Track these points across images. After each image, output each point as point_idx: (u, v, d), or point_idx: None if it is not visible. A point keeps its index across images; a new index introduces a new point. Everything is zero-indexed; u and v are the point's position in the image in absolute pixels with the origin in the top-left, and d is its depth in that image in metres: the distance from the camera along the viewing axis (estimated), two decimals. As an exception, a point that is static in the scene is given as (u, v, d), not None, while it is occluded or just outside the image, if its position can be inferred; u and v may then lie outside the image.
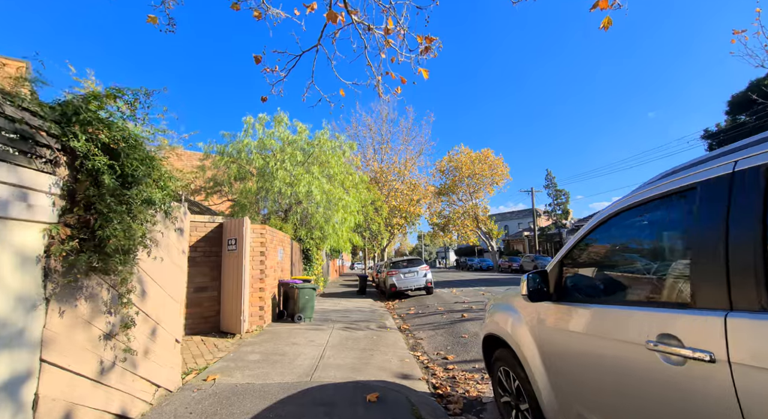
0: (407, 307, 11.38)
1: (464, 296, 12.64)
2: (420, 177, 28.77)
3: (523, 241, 43.54)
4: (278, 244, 8.69)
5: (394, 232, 26.19)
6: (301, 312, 7.80)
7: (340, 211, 12.73)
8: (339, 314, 9.37)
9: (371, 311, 10.31)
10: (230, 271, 6.55)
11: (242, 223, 6.49)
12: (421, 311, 10.10)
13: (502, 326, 2.84)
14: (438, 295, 13.79)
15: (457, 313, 9.15)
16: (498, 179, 34.60)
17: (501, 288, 14.97)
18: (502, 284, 16.98)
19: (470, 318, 8.33)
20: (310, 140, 13.26)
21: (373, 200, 21.41)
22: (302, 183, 11.49)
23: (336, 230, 12.97)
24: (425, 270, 13.90)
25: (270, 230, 7.86)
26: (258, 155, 12.33)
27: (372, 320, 8.45)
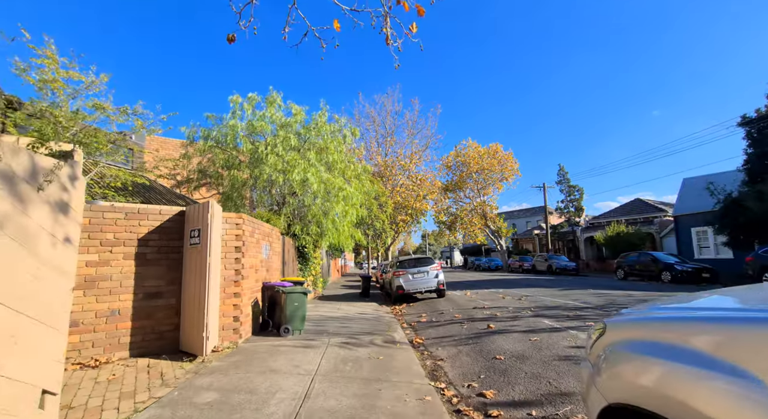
0: (417, 313, 9.81)
1: (482, 300, 11.04)
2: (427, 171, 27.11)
3: (533, 240, 41.77)
4: (263, 238, 7.15)
5: (399, 230, 24.59)
6: (288, 323, 6.25)
7: (341, 203, 11.17)
8: (337, 322, 7.81)
9: (376, 318, 8.75)
10: (194, 272, 5.01)
11: (206, 208, 4.94)
12: (434, 320, 8.53)
13: (681, 399, 1.24)
14: (451, 299, 12.19)
15: (480, 322, 7.56)
16: (508, 175, 32.91)
17: (518, 290, 13.38)
18: (519, 286, 15.35)
19: (499, 330, 6.74)
20: (307, 125, 11.73)
21: (378, 195, 19.86)
22: (296, 170, 9.96)
23: (336, 225, 11.41)
24: (436, 270, 12.32)
25: (250, 220, 6.31)
26: (246, 139, 10.81)
27: (377, 331, 6.88)
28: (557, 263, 26.15)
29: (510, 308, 9.18)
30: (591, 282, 16.81)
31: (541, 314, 8.03)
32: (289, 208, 10.50)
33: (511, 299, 10.87)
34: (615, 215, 30.29)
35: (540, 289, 13.63)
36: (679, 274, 15.36)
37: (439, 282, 12.11)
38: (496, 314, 8.38)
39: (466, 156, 33.38)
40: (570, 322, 6.96)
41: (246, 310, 5.98)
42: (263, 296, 6.99)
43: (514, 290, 13.47)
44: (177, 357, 4.79)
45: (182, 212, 5.35)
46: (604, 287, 13.90)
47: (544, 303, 9.68)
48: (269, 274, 7.59)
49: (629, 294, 11.02)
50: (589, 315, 7.59)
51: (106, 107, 9.35)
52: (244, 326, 5.86)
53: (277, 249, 8.30)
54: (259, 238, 6.86)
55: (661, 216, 27.05)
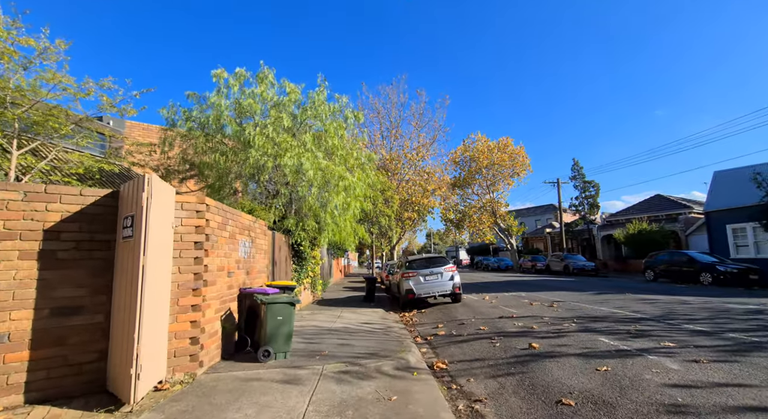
0: (432, 322, 8.26)
1: (506, 307, 9.46)
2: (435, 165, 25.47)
3: (545, 238, 40.01)
4: (241, 233, 5.62)
5: (405, 227, 23.02)
6: (268, 344, 4.71)
7: (341, 194, 9.63)
8: (335, 337, 6.27)
9: (383, 330, 7.21)
10: (126, 277, 3.48)
11: (140, 185, 3.41)
12: (455, 332, 6.97)
13: None
14: (469, 304, 10.62)
15: (516, 338, 5.99)
16: (519, 170, 31.21)
17: (543, 294, 11.78)
18: (542, 289, 13.72)
19: (546, 351, 5.16)
20: (303, 105, 10.22)
21: (383, 189, 18.30)
22: (289, 154, 8.45)
23: (335, 219, 9.87)
24: (451, 271, 10.75)
25: (219, 208, 4.78)
26: (232, 120, 9.30)
27: (385, 351, 5.33)
28: (574, 263, 24.48)
29: (545, 318, 7.59)
30: (622, 285, 15.15)
31: (591, 328, 6.44)
32: (281, 199, 8.98)
33: (542, 307, 9.27)
34: (634, 213, 28.51)
35: (568, 293, 12.00)
36: (722, 275, 13.67)
37: (454, 285, 10.54)
38: (532, 326, 6.79)
39: (475, 150, 31.73)
40: (637, 341, 5.37)
41: (211, 327, 4.46)
42: (240, 306, 5.47)
43: (538, 294, 11.86)
44: (95, 403, 3.27)
45: (114, 193, 3.83)
46: (641, 290, 12.24)
47: (585, 312, 8.07)
48: (251, 277, 6.06)
49: (683, 301, 9.37)
50: (655, 331, 5.99)
51: (62, 78, 7.93)
52: (208, 348, 4.34)
53: (262, 246, 6.78)
54: (234, 232, 5.34)
55: (685, 213, 25.25)
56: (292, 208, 9.72)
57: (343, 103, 10.58)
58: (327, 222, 9.66)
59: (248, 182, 9.03)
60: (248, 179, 8.94)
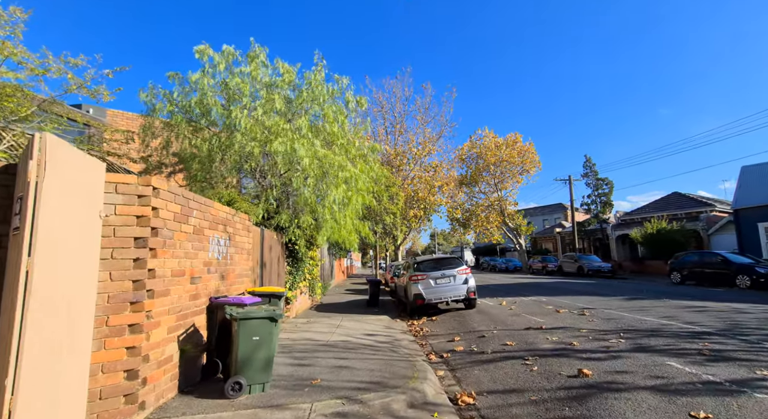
0: (446, 333, 7.08)
1: (530, 315, 8.25)
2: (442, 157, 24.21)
3: (554, 238, 38.65)
4: (212, 228, 4.48)
5: (411, 226, 21.82)
6: (240, 373, 3.55)
7: (341, 186, 8.47)
8: (332, 356, 5.11)
9: (389, 344, 6.04)
10: (11, 289, 2.34)
11: (28, 151, 2.26)
12: (476, 348, 5.79)
13: None
14: (485, 310, 9.43)
15: (554, 357, 4.80)
16: (529, 166, 29.93)
17: (567, 299, 10.58)
18: (562, 292, 12.49)
19: (603, 381, 3.96)
20: (299, 88, 9.09)
21: (388, 185, 17.12)
22: (279, 139, 7.31)
23: (335, 215, 8.71)
24: (465, 274, 9.56)
25: (174, 193, 3.64)
26: (218, 101, 8.18)
27: (394, 377, 4.16)
28: (589, 264, 23.19)
29: (583, 330, 6.39)
30: (649, 289, 13.87)
31: (647, 345, 5.23)
32: (272, 192, 7.83)
33: (572, 315, 8.06)
34: (651, 211, 27.15)
35: (594, 298, 10.77)
36: (763, 278, 12.37)
37: (469, 290, 9.35)
38: (571, 342, 5.58)
39: (482, 147, 30.49)
40: (720, 367, 4.16)
41: (161, 352, 3.32)
42: (211, 320, 4.32)
43: (561, 299, 10.64)
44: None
45: (11, 166, 2.69)
46: (678, 295, 10.98)
47: (629, 323, 6.86)
48: (227, 283, 4.92)
49: (737, 309, 8.10)
50: (734, 351, 4.77)
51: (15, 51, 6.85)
52: (155, 382, 3.20)
53: (244, 245, 5.63)
54: (202, 226, 4.19)
55: (707, 211, 23.87)
56: (287, 202, 8.58)
57: (344, 85, 9.41)
58: (325, 218, 8.51)
59: (234, 171, 7.88)
60: (234, 169, 7.79)
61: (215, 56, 8.43)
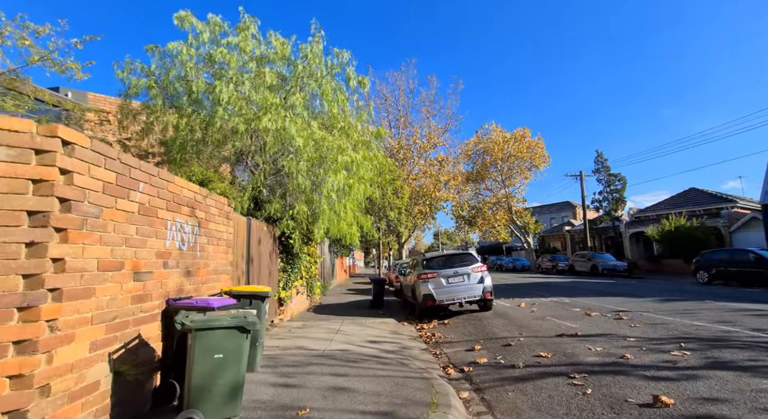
0: (463, 340, 6.06)
1: (556, 318, 7.20)
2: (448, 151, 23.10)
3: (563, 237, 37.46)
4: (171, 209, 3.47)
5: (416, 222, 20.77)
6: (194, 406, 2.54)
7: (341, 173, 7.45)
8: (327, 373, 4.09)
9: (398, 354, 5.02)
10: None
11: None
12: (503, 360, 4.76)
13: None
14: (502, 312, 8.39)
15: (608, 375, 3.77)
16: (538, 162, 28.80)
17: (590, 300, 9.56)
18: (581, 293, 11.42)
19: (699, 416, 2.93)
20: (294, 61, 8.09)
21: (393, 179, 16.09)
22: (268, 117, 6.32)
23: (333, 206, 7.70)
24: (480, 272, 8.52)
25: (102, 153, 2.63)
26: (200, 74, 7.19)
27: (406, 406, 3.13)
28: (604, 263, 22.06)
29: (630, 339, 5.33)
30: (679, 289, 12.77)
31: (725, 360, 4.17)
32: (260, 176, 6.82)
33: (606, 319, 7.01)
34: (666, 208, 25.96)
35: (624, 299, 9.70)
36: (805, 278, 11.24)
37: (485, 290, 8.31)
38: (623, 355, 4.53)
39: (489, 141, 29.38)
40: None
41: (77, 379, 2.31)
42: (168, 329, 3.31)
43: (585, 301, 9.57)
44: None
45: None
46: (717, 296, 9.87)
47: (682, 330, 5.80)
48: (195, 280, 3.91)
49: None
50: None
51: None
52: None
53: (221, 235, 4.63)
54: (155, 205, 3.19)
55: (728, 207, 22.67)
56: (279, 190, 7.57)
57: (344, 59, 8.36)
58: (322, 209, 7.50)
59: (214, 151, 6.86)
60: (216, 150, 6.79)
61: (199, 26, 7.44)
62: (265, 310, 4.31)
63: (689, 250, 20.67)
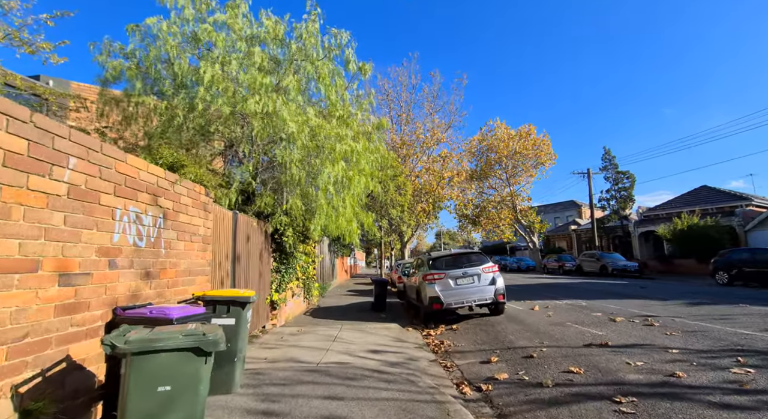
0: (477, 351, 5.34)
1: (578, 324, 6.48)
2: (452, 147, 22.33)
3: (569, 236, 36.64)
4: (123, 195, 2.79)
5: (419, 221, 20.03)
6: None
7: (339, 163, 6.75)
8: (319, 395, 3.39)
9: (403, 368, 4.31)
10: None
11: None
12: (527, 377, 4.05)
13: None
14: (515, 317, 7.67)
15: (665, 400, 3.06)
16: (545, 159, 28.04)
17: (611, 303, 8.83)
18: (597, 295, 10.69)
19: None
20: (288, 41, 7.40)
21: (395, 175, 15.37)
22: (256, 99, 5.63)
23: (331, 201, 7.01)
24: (492, 272, 7.82)
25: (10, 113, 1.92)
26: (182, 53, 6.50)
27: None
28: (613, 263, 21.29)
29: (673, 350, 4.61)
30: (701, 291, 12.02)
31: (797, 379, 3.45)
32: (247, 166, 6.12)
33: (634, 325, 6.29)
34: (677, 206, 25.17)
35: (646, 302, 8.96)
36: (838, 279, 10.48)
37: (497, 292, 7.60)
38: (673, 372, 3.80)
39: (494, 139, 28.62)
40: None
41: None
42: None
43: (605, 304, 8.84)
44: None
45: None
46: (748, 299, 9.11)
47: (729, 339, 5.06)
48: (158, 284, 3.22)
49: None
50: None
51: None
52: None
53: (196, 229, 3.93)
54: (95, 187, 2.50)
55: (742, 205, 21.87)
56: (271, 182, 6.87)
57: (343, 40, 7.65)
58: (319, 203, 6.79)
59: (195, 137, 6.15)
60: (198, 135, 6.09)
61: (181, 0, 6.75)
62: (247, 318, 3.61)
63: (703, 250, 19.88)
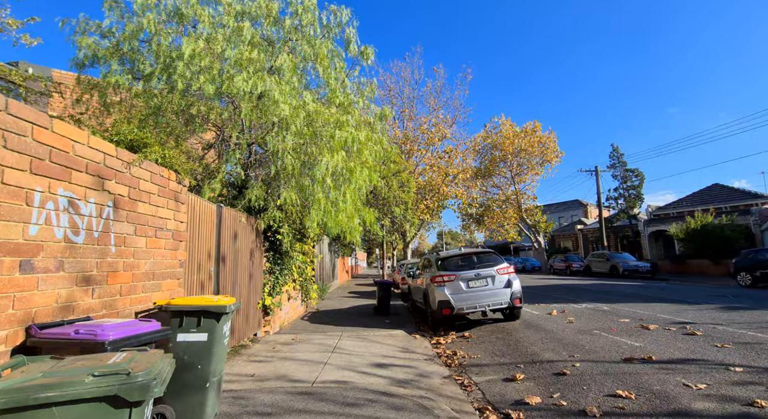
0: (497, 364, 4.62)
1: (604, 331, 5.76)
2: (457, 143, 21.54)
3: (574, 236, 35.87)
4: (48, 175, 2.08)
5: (423, 219, 19.30)
6: None
7: (339, 153, 6.04)
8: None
9: (415, 393, 3.59)
10: None
11: None
12: (565, 401, 3.33)
13: None
14: (533, 323, 6.95)
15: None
16: (551, 157, 27.27)
17: (634, 307, 8.12)
18: (617, 298, 9.97)
19: None
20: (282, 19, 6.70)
21: (398, 171, 14.65)
22: (243, 76, 4.93)
23: (330, 194, 6.30)
24: (507, 274, 7.11)
25: None
26: (162, 29, 5.80)
27: None
28: (624, 263, 20.51)
29: (736, 368, 3.89)
30: (728, 293, 11.27)
31: None
32: (233, 153, 5.42)
33: (672, 333, 5.57)
34: (689, 204, 24.41)
35: (674, 306, 8.23)
36: None
37: (513, 295, 6.88)
38: (755, 401, 3.09)
39: (499, 135, 27.86)
40: None
41: None
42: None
43: (629, 309, 8.11)
44: None
45: None
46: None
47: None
48: (105, 291, 2.52)
49: None
50: None
51: None
52: None
53: (164, 223, 3.24)
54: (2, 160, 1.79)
55: (757, 204, 21.09)
56: (261, 173, 6.17)
57: (343, 18, 6.94)
58: (316, 197, 6.08)
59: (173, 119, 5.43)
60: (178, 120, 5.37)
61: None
62: (224, 332, 2.91)
63: (718, 250, 19.12)
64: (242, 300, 5.50)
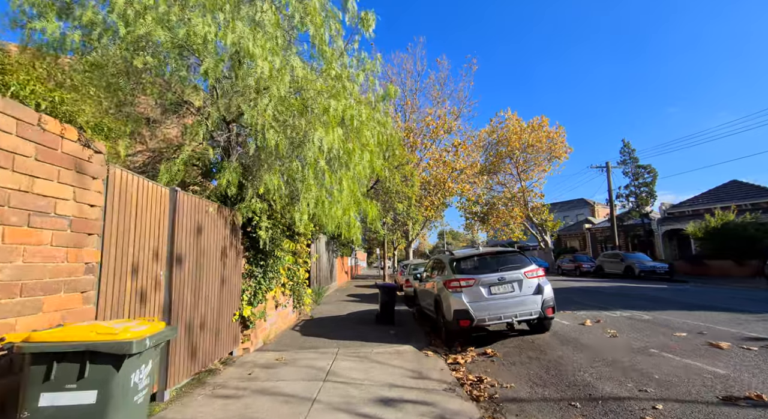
0: (543, 402, 3.44)
1: (665, 350, 4.59)
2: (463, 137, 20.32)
3: (582, 235, 34.68)
4: None
5: (428, 215, 18.10)
6: None
7: (334, 129, 4.85)
8: None
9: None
10: None
11: None
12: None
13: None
14: (567, 336, 5.77)
15: None
16: (559, 152, 26.10)
17: (677, 315, 6.96)
18: (650, 303, 8.78)
19: None
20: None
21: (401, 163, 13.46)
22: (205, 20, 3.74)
23: (323, 180, 5.12)
24: (537, 277, 5.93)
25: None
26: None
27: None
28: (640, 264, 19.33)
29: None
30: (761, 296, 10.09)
31: None
32: (200, 126, 4.23)
33: (751, 354, 4.39)
34: (705, 202, 23.24)
35: (724, 315, 7.06)
36: None
37: (545, 304, 5.70)
38: None
39: (505, 130, 26.68)
40: None
41: None
42: None
43: (672, 318, 6.93)
44: None
45: None
46: None
47: None
48: None
49: None
50: None
51: None
52: None
53: (49, 206, 2.07)
54: None
55: (782, 200, 19.90)
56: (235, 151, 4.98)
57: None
58: (306, 183, 4.91)
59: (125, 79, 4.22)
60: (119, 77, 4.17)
61: None
62: (133, 384, 1.74)
63: (741, 249, 17.94)
64: (209, 313, 4.33)
